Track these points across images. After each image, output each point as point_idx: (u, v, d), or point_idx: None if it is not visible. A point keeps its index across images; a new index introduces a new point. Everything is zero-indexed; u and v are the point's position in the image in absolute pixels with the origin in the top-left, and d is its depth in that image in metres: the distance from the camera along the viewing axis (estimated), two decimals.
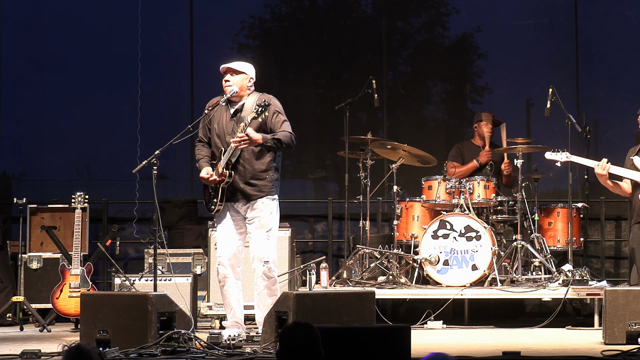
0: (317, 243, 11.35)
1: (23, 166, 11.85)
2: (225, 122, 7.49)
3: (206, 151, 7.59)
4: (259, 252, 7.36)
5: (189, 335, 6.83)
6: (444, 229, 9.20)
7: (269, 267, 7.38)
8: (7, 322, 9.60)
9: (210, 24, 11.79)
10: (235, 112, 7.50)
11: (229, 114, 7.51)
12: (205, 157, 7.55)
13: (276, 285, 7.45)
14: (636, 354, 6.56)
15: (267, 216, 7.40)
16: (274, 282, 7.43)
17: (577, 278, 8.70)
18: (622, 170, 8.16)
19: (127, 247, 11.13)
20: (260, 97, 7.45)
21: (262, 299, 7.39)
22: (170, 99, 11.67)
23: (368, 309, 6.99)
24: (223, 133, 7.48)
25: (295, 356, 4.43)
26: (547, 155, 8.51)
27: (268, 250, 7.37)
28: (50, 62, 11.77)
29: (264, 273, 7.37)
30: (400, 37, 12.11)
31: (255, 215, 7.39)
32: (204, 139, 7.63)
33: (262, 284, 7.40)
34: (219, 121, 7.51)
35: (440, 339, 7.95)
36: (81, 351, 4.10)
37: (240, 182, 7.39)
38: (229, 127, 7.46)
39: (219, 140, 7.50)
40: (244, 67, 7.53)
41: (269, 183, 7.43)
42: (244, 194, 7.39)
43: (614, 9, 11.58)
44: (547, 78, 11.06)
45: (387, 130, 11.53)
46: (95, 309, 7.01)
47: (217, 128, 7.52)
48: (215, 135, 7.53)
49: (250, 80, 7.55)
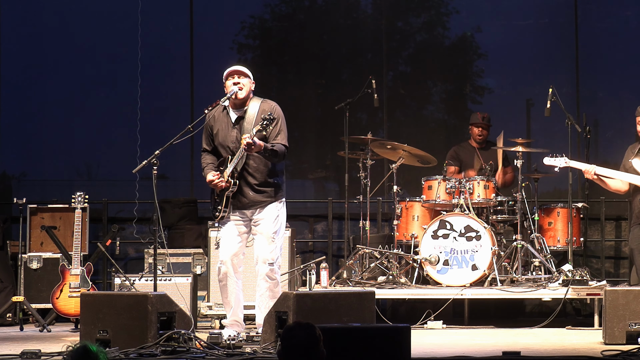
0: (317, 243, 11.35)
1: (23, 166, 11.85)
2: (228, 130, 7.45)
3: (210, 158, 7.55)
4: (263, 254, 7.35)
5: (189, 335, 6.83)
6: (444, 229, 9.20)
7: (272, 269, 7.37)
8: (7, 322, 9.61)
9: (210, 24, 11.78)
10: (238, 119, 7.46)
11: (231, 121, 7.47)
12: (210, 165, 7.51)
13: (278, 288, 7.43)
14: (636, 354, 6.56)
15: (274, 219, 7.39)
16: (276, 284, 7.41)
17: (577, 278, 8.70)
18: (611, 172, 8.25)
19: (127, 247, 11.13)
20: (263, 105, 7.41)
21: (263, 301, 7.38)
22: (170, 99, 11.67)
23: (368, 309, 6.99)
24: (226, 141, 7.45)
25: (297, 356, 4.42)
26: (545, 161, 8.53)
27: (272, 252, 7.36)
28: (50, 62, 11.77)
29: (267, 275, 7.36)
30: (400, 37, 12.11)
31: (261, 217, 7.37)
32: (207, 148, 7.59)
33: (265, 286, 7.39)
34: (220, 129, 7.48)
35: (440, 339, 7.95)
36: (87, 351, 4.08)
37: (249, 190, 7.36)
38: (232, 135, 7.42)
39: (222, 148, 7.47)
40: (248, 71, 7.52)
41: (277, 188, 7.43)
42: (252, 201, 7.37)
43: (614, 9, 11.59)
44: (547, 78, 11.07)
45: (387, 130, 11.53)
46: (95, 309, 7.01)
47: (220, 136, 7.48)
48: (218, 143, 7.49)
49: (253, 84, 7.54)
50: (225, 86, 7.47)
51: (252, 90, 7.50)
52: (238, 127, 7.41)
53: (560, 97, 9.28)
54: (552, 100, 9.22)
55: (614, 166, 8.53)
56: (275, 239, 7.38)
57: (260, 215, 7.37)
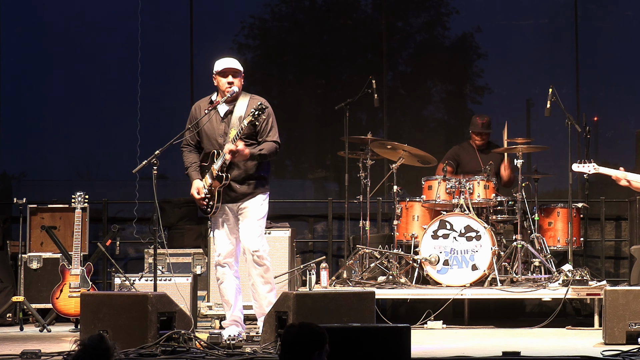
0: (317, 243, 11.35)
1: (23, 166, 11.85)
2: (216, 124, 7.44)
3: (194, 157, 7.53)
4: (247, 242, 7.37)
5: (189, 335, 6.83)
6: (444, 229, 9.20)
7: (259, 255, 7.36)
8: (7, 322, 9.60)
9: (210, 24, 11.79)
10: (227, 113, 7.45)
11: (219, 115, 7.45)
12: (194, 165, 7.50)
13: (269, 274, 7.42)
14: (636, 354, 6.56)
15: (257, 207, 7.40)
16: (266, 270, 7.40)
17: (577, 278, 8.70)
18: None
19: (127, 247, 11.13)
20: (252, 100, 7.41)
21: (257, 289, 7.39)
22: (170, 99, 11.67)
23: (368, 309, 6.98)
24: (214, 135, 7.43)
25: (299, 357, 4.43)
26: (574, 168, 8.35)
27: (257, 239, 7.36)
28: (50, 62, 11.77)
29: (254, 261, 7.36)
30: (400, 37, 12.11)
31: (244, 207, 7.39)
32: (190, 142, 7.54)
33: (255, 273, 7.39)
34: (209, 123, 7.45)
35: (440, 339, 7.95)
36: (102, 338, 4.31)
37: (236, 183, 7.38)
38: (220, 129, 7.39)
39: (209, 142, 7.45)
40: (240, 66, 7.51)
41: (264, 180, 7.45)
42: (240, 193, 7.39)
43: (614, 9, 11.58)
44: (547, 78, 11.07)
45: (387, 130, 11.53)
46: (95, 309, 7.01)
47: (207, 130, 7.46)
48: (205, 137, 7.47)
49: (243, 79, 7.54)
50: (217, 80, 7.42)
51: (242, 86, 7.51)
52: (226, 121, 7.40)
53: (560, 97, 9.28)
54: (552, 100, 9.22)
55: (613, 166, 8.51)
56: (261, 224, 7.40)
57: (245, 204, 7.39)
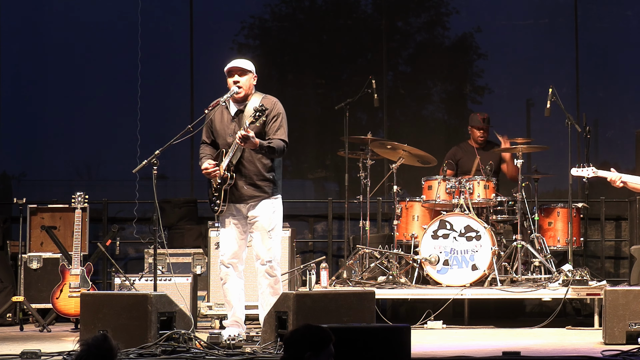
0: (317, 243, 11.35)
1: (23, 166, 11.85)
2: (227, 123, 7.46)
3: (209, 150, 7.56)
4: (260, 252, 7.35)
5: (189, 335, 6.83)
6: (444, 229, 9.20)
7: (271, 266, 7.36)
8: (7, 322, 9.60)
9: (210, 24, 11.79)
10: (237, 112, 7.46)
11: (230, 115, 7.48)
12: (207, 156, 7.51)
13: (279, 285, 7.42)
14: (636, 354, 6.56)
15: (270, 215, 7.37)
16: (276, 281, 7.40)
17: (577, 278, 8.70)
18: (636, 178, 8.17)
19: (127, 247, 11.13)
20: (264, 100, 7.40)
21: (265, 299, 7.37)
22: (170, 99, 11.67)
23: (368, 309, 6.98)
24: (224, 134, 7.45)
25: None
26: (573, 172, 8.38)
27: (270, 249, 7.36)
28: (50, 62, 11.78)
29: (266, 272, 7.36)
30: (400, 37, 12.11)
31: (256, 214, 7.36)
32: (207, 140, 7.60)
33: (265, 283, 7.38)
34: (220, 122, 7.49)
35: (440, 339, 7.95)
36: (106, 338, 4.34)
37: (244, 183, 7.36)
38: (230, 129, 7.41)
39: (220, 141, 7.47)
40: (249, 65, 7.48)
41: (272, 184, 7.41)
42: (247, 195, 7.37)
43: (614, 9, 11.58)
44: (547, 78, 11.07)
45: (387, 130, 11.53)
46: (95, 309, 7.01)
47: (219, 129, 7.49)
48: (217, 135, 7.50)
49: (254, 78, 7.52)
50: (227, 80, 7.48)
51: (253, 85, 7.50)
52: (237, 120, 7.41)
53: (560, 97, 9.28)
54: (552, 100, 9.22)
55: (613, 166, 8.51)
56: (273, 235, 7.37)
57: (256, 212, 7.36)
